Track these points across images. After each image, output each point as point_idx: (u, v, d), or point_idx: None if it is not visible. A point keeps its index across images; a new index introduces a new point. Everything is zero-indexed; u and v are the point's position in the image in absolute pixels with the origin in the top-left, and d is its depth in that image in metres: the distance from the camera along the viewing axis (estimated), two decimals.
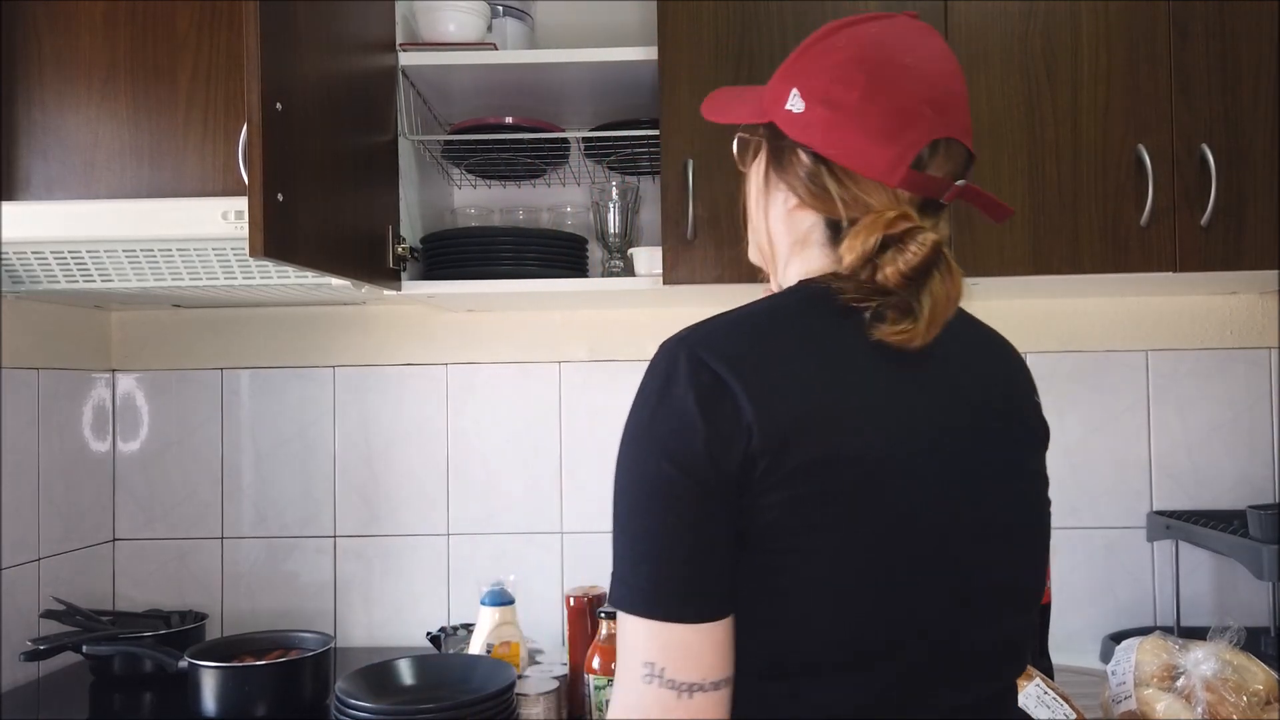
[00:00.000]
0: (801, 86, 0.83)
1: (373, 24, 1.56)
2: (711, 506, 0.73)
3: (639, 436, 0.76)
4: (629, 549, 0.75)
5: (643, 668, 0.72)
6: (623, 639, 0.75)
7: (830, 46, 0.84)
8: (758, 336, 0.77)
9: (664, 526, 0.73)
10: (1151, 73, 1.51)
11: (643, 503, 0.74)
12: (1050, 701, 1.27)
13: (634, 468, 0.75)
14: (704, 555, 0.73)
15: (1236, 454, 1.85)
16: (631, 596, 0.74)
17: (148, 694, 1.64)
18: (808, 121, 0.83)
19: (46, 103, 1.49)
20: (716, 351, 0.75)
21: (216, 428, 1.96)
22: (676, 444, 0.73)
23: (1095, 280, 1.58)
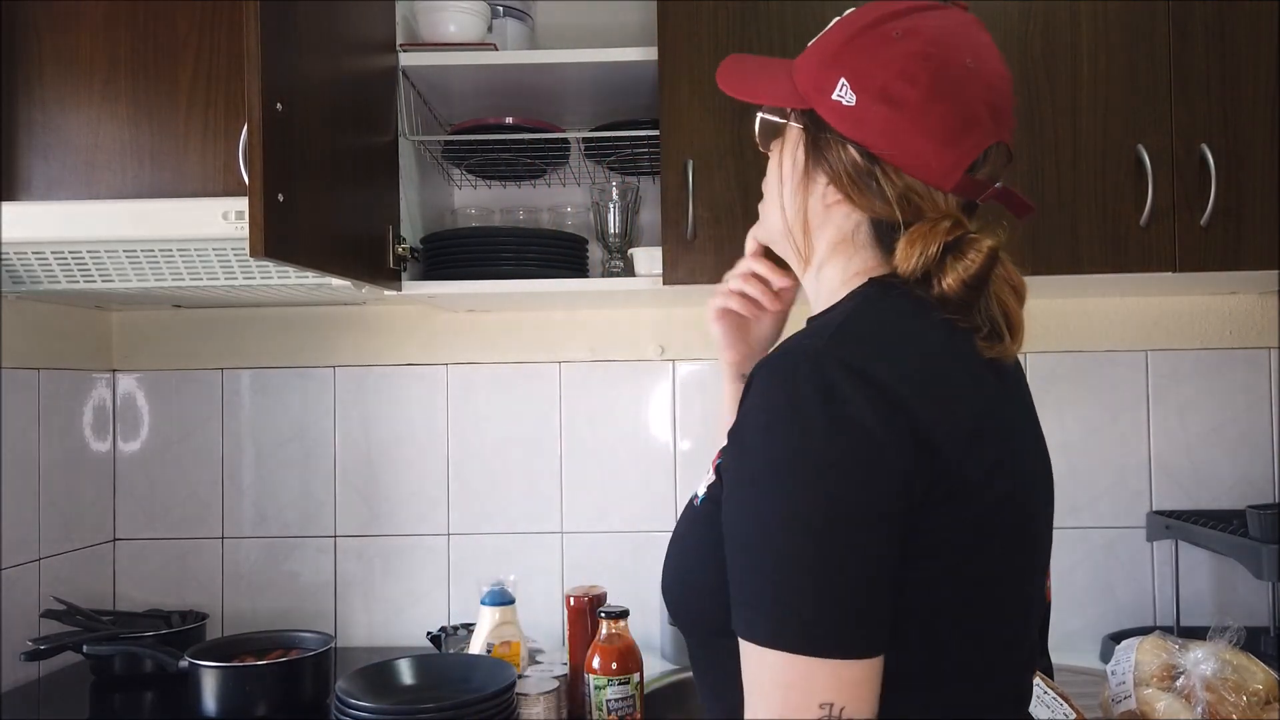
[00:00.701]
0: (853, 78, 0.79)
1: (373, 24, 1.56)
2: (888, 529, 0.68)
3: (802, 457, 0.68)
4: (797, 581, 0.67)
5: (819, 710, 0.65)
6: (782, 679, 0.67)
7: (885, 36, 0.80)
8: (909, 345, 0.74)
9: (846, 556, 0.67)
10: (1151, 73, 1.51)
11: (817, 531, 0.67)
12: (1050, 701, 1.27)
13: (801, 493, 0.68)
14: (880, 582, 0.68)
15: (1236, 454, 1.85)
16: (805, 633, 0.67)
17: (148, 694, 1.64)
18: (861, 117, 0.79)
19: (47, 103, 1.50)
20: (875, 362, 0.70)
21: (217, 428, 1.96)
22: (854, 464, 0.67)
23: (1095, 280, 1.58)
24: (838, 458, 0.67)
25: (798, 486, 0.68)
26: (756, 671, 0.69)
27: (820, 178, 0.83)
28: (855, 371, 0.69)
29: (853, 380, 0.69)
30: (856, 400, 0.68)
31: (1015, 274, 0.80)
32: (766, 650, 0.67)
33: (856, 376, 0.69)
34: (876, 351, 0.72)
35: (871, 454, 0.67)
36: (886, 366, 0.71)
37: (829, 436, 0.68)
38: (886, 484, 0.68)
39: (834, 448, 0.68)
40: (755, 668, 0.69)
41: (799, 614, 0.67)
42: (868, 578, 0.67)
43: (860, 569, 0.67)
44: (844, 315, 0.78)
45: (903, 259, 0.77)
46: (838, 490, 0.67)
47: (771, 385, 0.71)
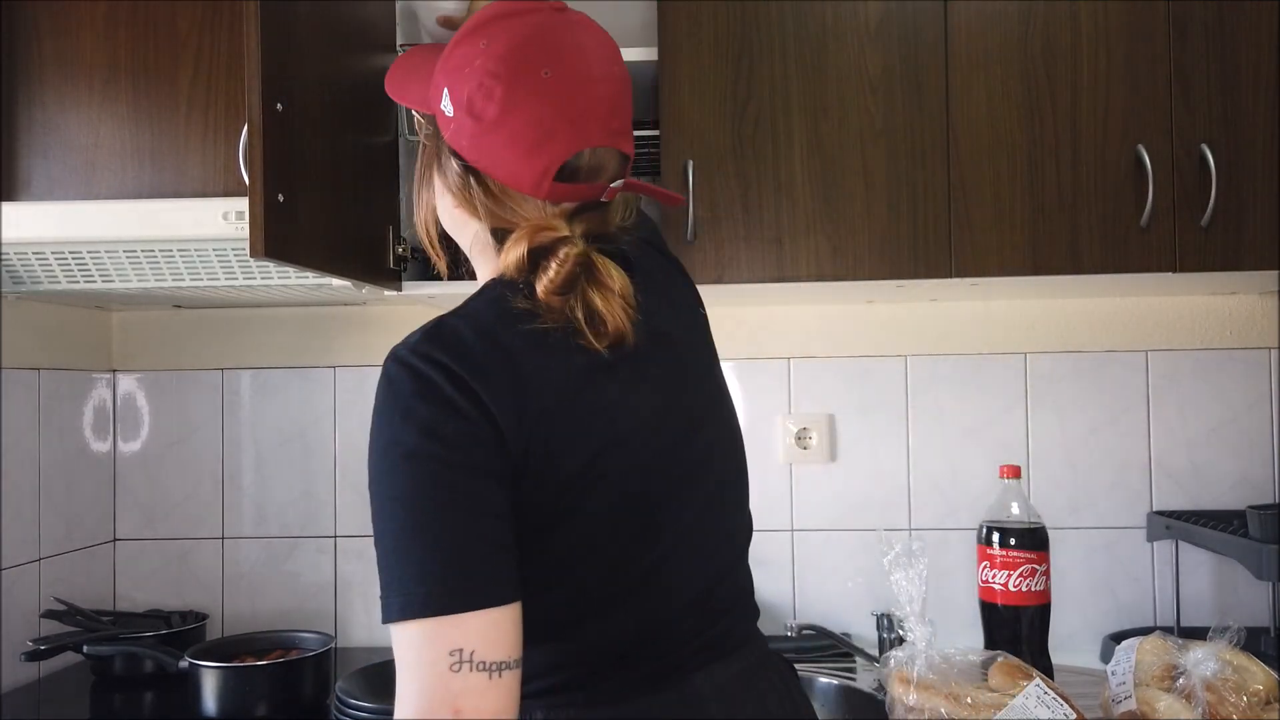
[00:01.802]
0: (451, 89, 0.84)
1: (373, 24, 1.56)
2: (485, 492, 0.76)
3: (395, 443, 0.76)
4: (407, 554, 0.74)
5: (450, 657, 0.70)
6: (415, 645, 0.72)
7: (475, 47, 0.83)
8: (482, 336, 0.79)
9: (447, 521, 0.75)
10: (1151, 73, 1.51)
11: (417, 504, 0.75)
12: (1050, 701, 1.27)
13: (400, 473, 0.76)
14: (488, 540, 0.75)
15: (1236, 454, 1.85)
16: (425, 598, 0.72)
17: (148, 694, 1.64)
18: (457, 129, 0.84)
19: (47, 103, 1.50)
20: (444, 351, 0.77)
21: (217, 428, 1.96)
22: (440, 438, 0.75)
23: (1095, 280, 1.58)
24: (412, 443, 0.74)
25: (388, 474, 0.74)
26: (398, 650, 0.72)
27: (439, 184, 0.89)
28: (432, 360, 0.76)
29: (432, 367, 0.75)
30: (438, 384, 0.75)
31: (614, 275, 0.82)
32: (402, 626, 0.71)
33: (434, 364, 0.75)
34: (455, 343, 0.78)
35: (456, 429, 0.74)
36: (453, 355, 0.76)
37: (415, 419, 0.74)
38: (477, 455, 0.74)
39: (422, 428, 0.74)
40: (396, 647, 0.72)
41: (418, 584, 0.71)
42: (476, 537, 0.73)
43: (465, 532, 0.73)
44: (443, 315, 0.82)
45: (502, 266, 0.83)
46: (416, 472, 0.73)
47: (378, 387, 0.78)
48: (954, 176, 1.51)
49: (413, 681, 0.70)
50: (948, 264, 1.52)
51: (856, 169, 1.53)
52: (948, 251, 1.52)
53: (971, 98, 1.52)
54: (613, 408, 0.82)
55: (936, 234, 1.52)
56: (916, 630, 1.34)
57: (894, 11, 1.53)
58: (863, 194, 1.53)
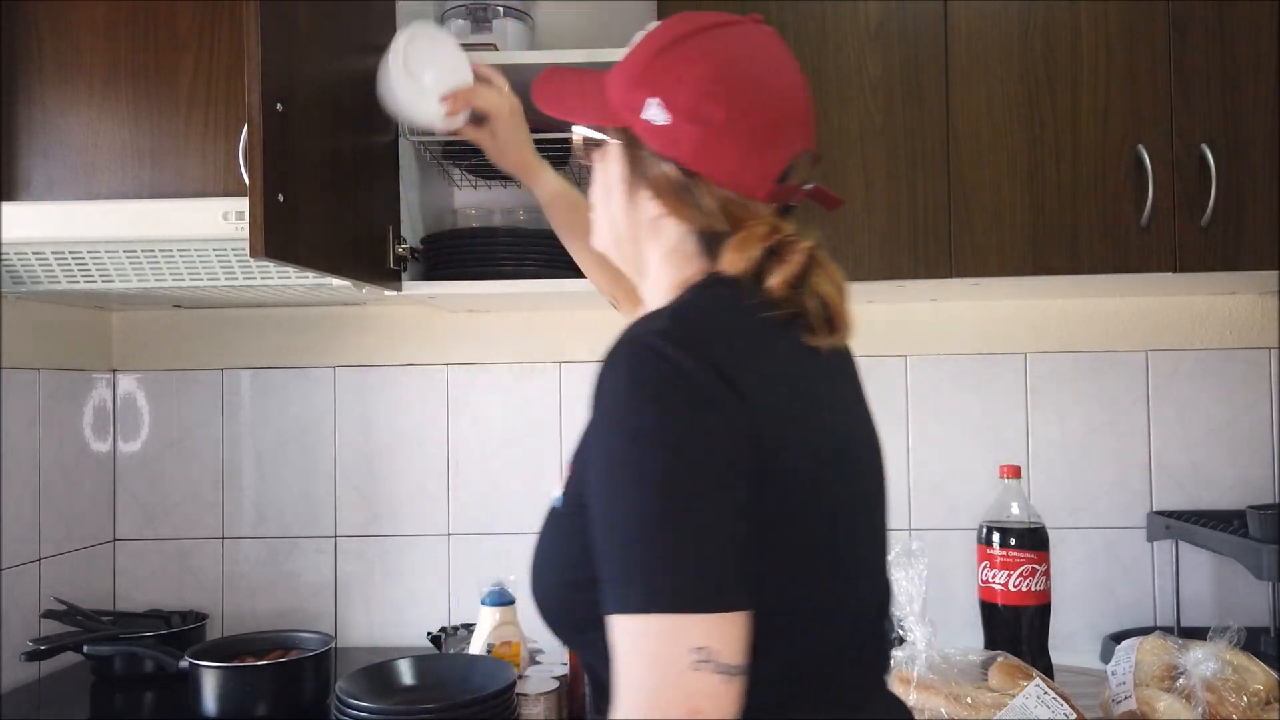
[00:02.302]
0: (663, 98, 0.83)
1: (373, 24, 1.56)
2: (736, 493, 0.73)
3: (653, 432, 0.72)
4: (662, 547, 0.71)
5: (693, 654, 0.67)
6: (654, 637, 0.69)
7: (685, 56, 0.84)
8: (733, 328, 0.79)
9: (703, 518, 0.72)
10: (1151, 73, 1.51)
11: (675, 497, 0.71)
12: (1050, 701, 1.27)
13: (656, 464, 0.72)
14: (737, 541, 0.73)
15: (1236, 454, 1.85)
16: (677, 592, 0.70)
17: (148, 694, 1.64)
18: (674, 137, 0.83)
19: (47, 103, 1.50)
20: (706, 341, 0.75)
21: (217, 428, 1.96)
22: (700, 432, 0.72)
23: (1095, 280, 1.58)
24: (680, 430, 0.71)
25: (651, 461, 0.71)
26: (630, 642, 0.70)
27: (643, 192, 0.87)
28: (688, 349, 0.73)
29: (689, 356, 0.73)
30: (695, 374, 0.72)
31: (835, 271, 0.84)
32: (642, 618, 0.69)
33: (691, 353, 0.73)
34: (710, 333, 0.76)
35: (706, 425, 0.72)
36: (716, 346, 0.75)
37: (685, 411, 0.72)
38: (732, 450, 0.72)
39: (673, 422, 0.71)
40: (628, 638, 0.70)
41: (667, 576, 0.69)
42: (726, 537, 0.71)
43: (718, 530, 0.71)
44: (676, 303, 0.82)
45: (729, 265, 0.82)
46: (685, 461, 0.71)
47: (615, 373, 0.75)
48: (954, 176, 1.52)
49: (647, 676, 0.68)
50: (948, 264, 1.52)
51: (856, 169, 1.53)
52: (948, 251, 1.52)
53: (971, 98, 1.52)
54: (842, 412, 0.83)
55: (936, 234, 1.52)
56: (917, 630, 1.34)
57: (894, 12, 1.53)
58: (863, 194, 1.53)
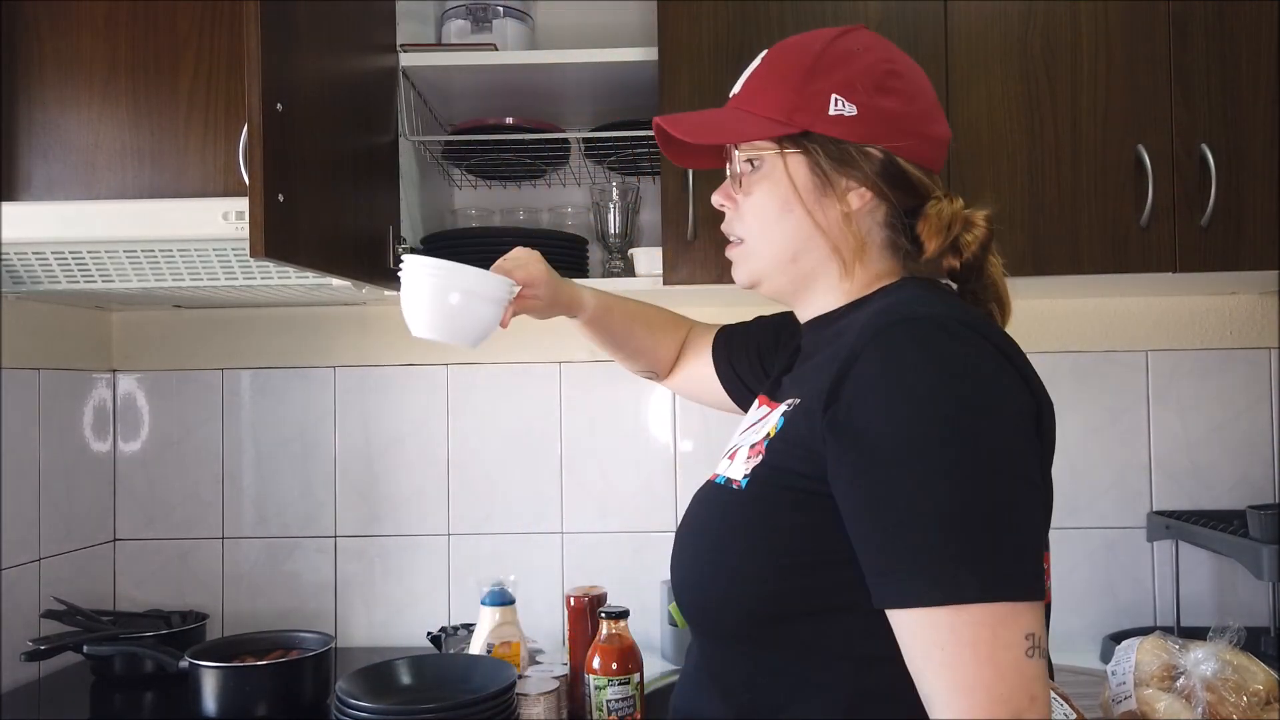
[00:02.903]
0: (843, 91, 0.86)
1: (373, 24, 1.56)
2: (1042, 481, 0.75)
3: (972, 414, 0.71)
4: (992, 533, 0.69)
5: (1026, 641, 0.67)
6: (989, 625, 0.67)
7: (848, 53, 0.88)
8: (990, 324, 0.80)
9: (1026, 504, 0.72)
10: (1151, 73, 1.51)
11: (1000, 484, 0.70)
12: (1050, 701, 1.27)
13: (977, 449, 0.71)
14: (1045, 530, 0.75)
15: (1236, 454, 1.85)
16: (1010, 580, 0.68)
17: (148, 694, 1.64)
18: (868, 122, 0.86)
19: (47, 103, 1.49)
20: (991, 331, 0.77)
21: (217, 428, 1.96)
22: (1014, 418, 0.73)
23: (1095, 281, 1.58)
24: (998, 409, 0.72)
25: (969, 440, 0.70)
26: (955, 633, 0.67)
27: (847, 187, 0.87)
28: (979, 332, 0.75)
29: (981, 340, 0.74)
30: (993, 358, 0.74)
31: (997, 253, 0.92)
32: (975, 607, 0.67)
33: (987, 339, 0.75)
34: (985, 321, 0.78)
35: (1018, 405, 0.73)
36: (999, 335, 0.77)
37: (985, 391, 0.72)
38: (1033, 434, 0.74)
39: (991, 401, 0.72)
40: (950, 630, 0.67)
41: (1002, 563, 0.68)
42: (1036, 521, 0.72)
43: (1035, 513, 0.72)
44: (923, 295, 0.83)
45: (930, 236, 0.86)
46: (1006, 441, 0.71)
47: (906, 349, 0.73)
48: (954, 177, 1.51)
49: (986, 664, 0.66)
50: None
51: None
52: None
53: (971, 98, 1.52)
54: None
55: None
56: None
57: (894, 11, 1.53)
58: None
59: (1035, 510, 0.72)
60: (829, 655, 0.75)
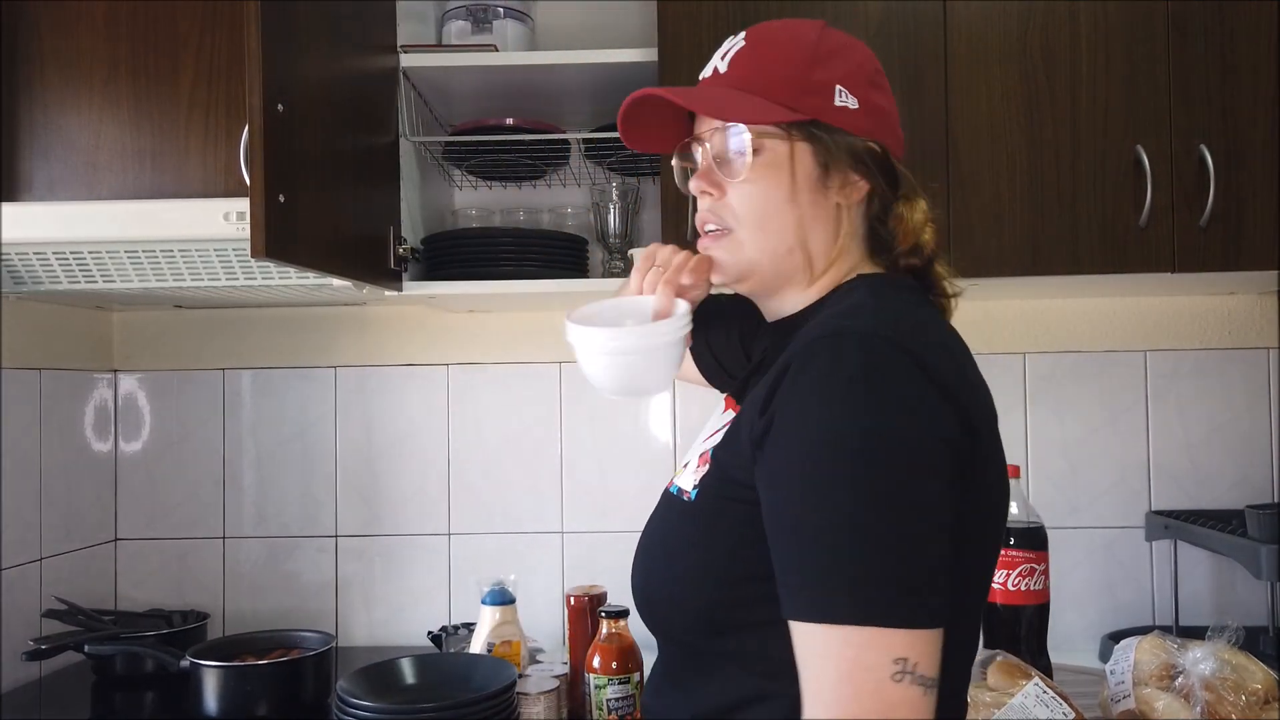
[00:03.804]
0: (846, 84, 0.86)
1: (373, 25, 1.56)
2: (950, 507, 0.72)
3: (873, 435, 0.70)
4: (877, 556, 0.69)
5: (894, 665, 0.67)
6: (854, 646, 0.68)
7: (841, 46, 0.88)
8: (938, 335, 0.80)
9: (921, 530, 0.70)
10: (1150, 73, 1.51)
11: (894, 508, 0.69)
12: (1049, 700, 1.27)
13: (875, 470, 0.70)
14: (946, 556, 0.72)
15: (1235, 454, 1.85)
16: (885, 605, 0.68)
17: (149, 693, 1.64)
18: (868, 115, 0.87)
19: (48, 104, 1.50)
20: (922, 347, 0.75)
21: (218, 428, 1.96)
22: (920, 441, 0.71)
23: (1094, 280, 1.58)
24: (907, 435, 0.70)
25: (871, 463, 0.69)
26: (826, 649, 0.68)
27: (844, 180, 0.87)
28: (908, 352, 0.73)
29: (907, 361, 0.72)
30: (914, 380, 0.72)
31: None
32: (840, 627, 0.68)
33: (909, 357, 0.72)
34: (917, 336, 0.75)
35: (933, 432, 0.71)
36: (930, 352, 0.74)
37: (896, 414, 0.70)
38: (947, 463, 0.71)
39: (901, 425, 0.70)
40: (823, 645, 0.69)
41: (879, 588, 0.68)
42: (940, 552, 0.70)
43: (933, 543, 0.70)
44: (870, 301, 0.82)
45: (906, 234, 0.88)
46: (910, 467, 0.70)
47: (825, 366, 0.72)
48: (953, 176, 1.52)
49: (846, 684, 0.67)
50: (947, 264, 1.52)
51: None
52: (947, 251, 1.51)
53: (971, 98, 1.52)
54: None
55: (935, 234, 1.52)
56: None
57: (894, 11, 1.53)
58: None
59: (928, 537, 0.70)
60: (779, 662, 0.74)
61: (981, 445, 0.75)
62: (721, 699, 0.81)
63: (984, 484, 0.76)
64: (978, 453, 0.75)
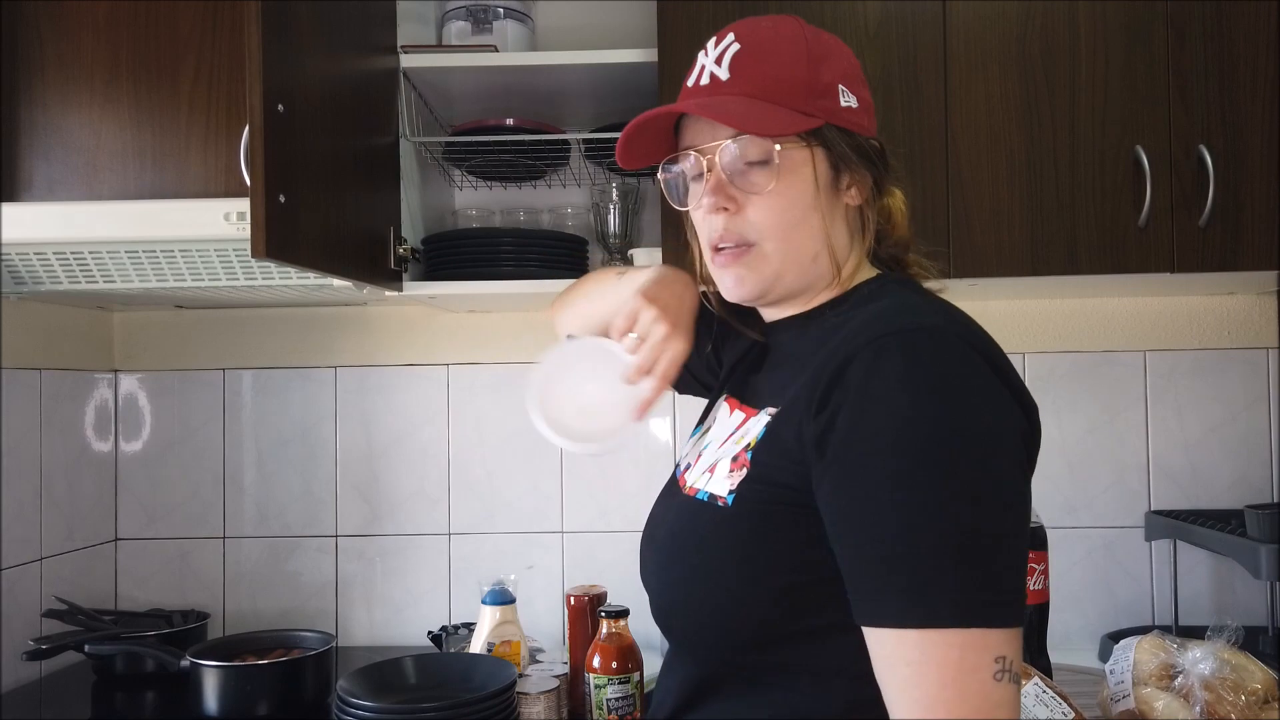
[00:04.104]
0: (844, 83, 0.86)
1: (374, 25, 1.56)
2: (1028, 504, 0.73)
3: (962, 433, 0.69)
4: (973, 557, 0.67)
5: (995, 664, 0.66)
6: (957, 648, 0.66)
7: (826, 41, 0.88)
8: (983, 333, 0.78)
9: (1014, 529, 0.70)
10: (1149, 74, 1.51)
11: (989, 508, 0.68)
12: (1049, 700, 1.27)
13: (969, 470, 0.69)
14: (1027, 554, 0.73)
15: (1234, 454, 1.86)
16: (984, 607, 0.67)
17: (150, 693, 1.64)
18: (865, 111, 0.88)
19: (49, 104, 1.50)
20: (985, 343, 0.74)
21: (218, 428, 1.96)
22: (1006, 439, 0.71)
23: (1093, 281, 1.58)
24: (992, 429, 0.70)
25: (961, 460, 0.68)
26: (923, 653, 0.67)
27: (851, 181, 0.87)
28: (975, 347, 0.72)
29: (977, 356, 0.72)
30: (988, 375, 0.72)
31: None
32: (941, 631, 0.66)
33: (978, 352, 0.72)
34: (980, 333, 0.75)
35: (1013, 425, 0.71)
36: (993, 347, 0.74)
37: (980, 408, 0.70)
38: (1024, 456, 0.72)
39: (986, 419, 0.70)
40: (919, 650, 0.67)
41: (980, 588, 0.67)
42: (1023, 546, 0.71)
43: (1019, 538, 0.70)
44: (915, 299, 0.82)
45: (898, 226, 0.90)
46: (996, 463, 0.69)
47: (901, 363, 0.70)
48: (953, 177, 1.52)
49: (950, 687, 0.66)
50: (946, 264, 1.52)
51: None
52: (946, 252, 1.52)
53: (970, 98, 1.52)
54: None
55: (935, 234, 1.52)
56: None
57: (893, 12, 1.53)
58: None
59: (1017, 534, 0.70)
60: (827, 672, 0.74)
61: (1035, 431, 0.75)
62: (773, 711, 0.79)
63: (1034, 467, 0.77)
64: (1032, 446, 0.75)
